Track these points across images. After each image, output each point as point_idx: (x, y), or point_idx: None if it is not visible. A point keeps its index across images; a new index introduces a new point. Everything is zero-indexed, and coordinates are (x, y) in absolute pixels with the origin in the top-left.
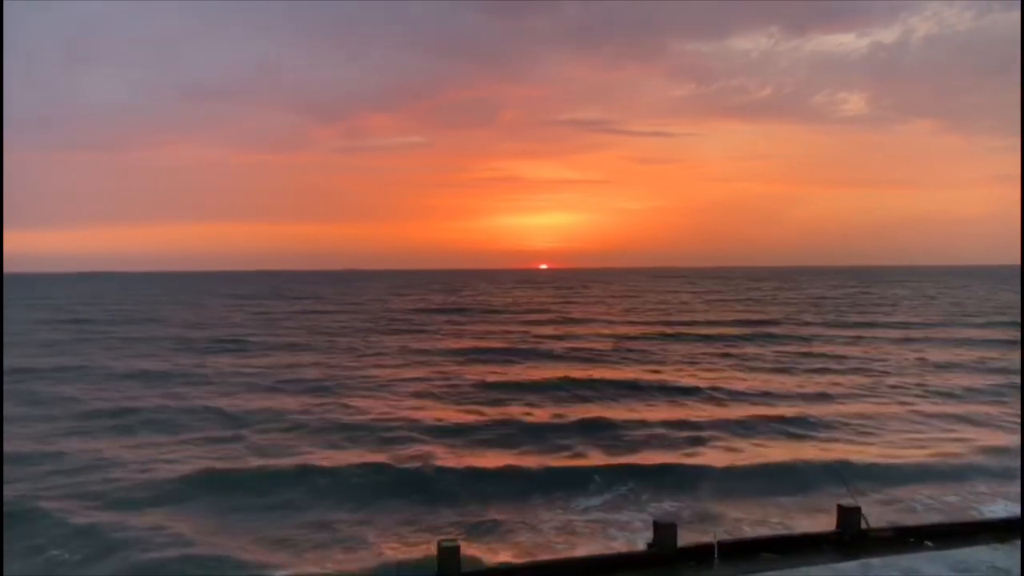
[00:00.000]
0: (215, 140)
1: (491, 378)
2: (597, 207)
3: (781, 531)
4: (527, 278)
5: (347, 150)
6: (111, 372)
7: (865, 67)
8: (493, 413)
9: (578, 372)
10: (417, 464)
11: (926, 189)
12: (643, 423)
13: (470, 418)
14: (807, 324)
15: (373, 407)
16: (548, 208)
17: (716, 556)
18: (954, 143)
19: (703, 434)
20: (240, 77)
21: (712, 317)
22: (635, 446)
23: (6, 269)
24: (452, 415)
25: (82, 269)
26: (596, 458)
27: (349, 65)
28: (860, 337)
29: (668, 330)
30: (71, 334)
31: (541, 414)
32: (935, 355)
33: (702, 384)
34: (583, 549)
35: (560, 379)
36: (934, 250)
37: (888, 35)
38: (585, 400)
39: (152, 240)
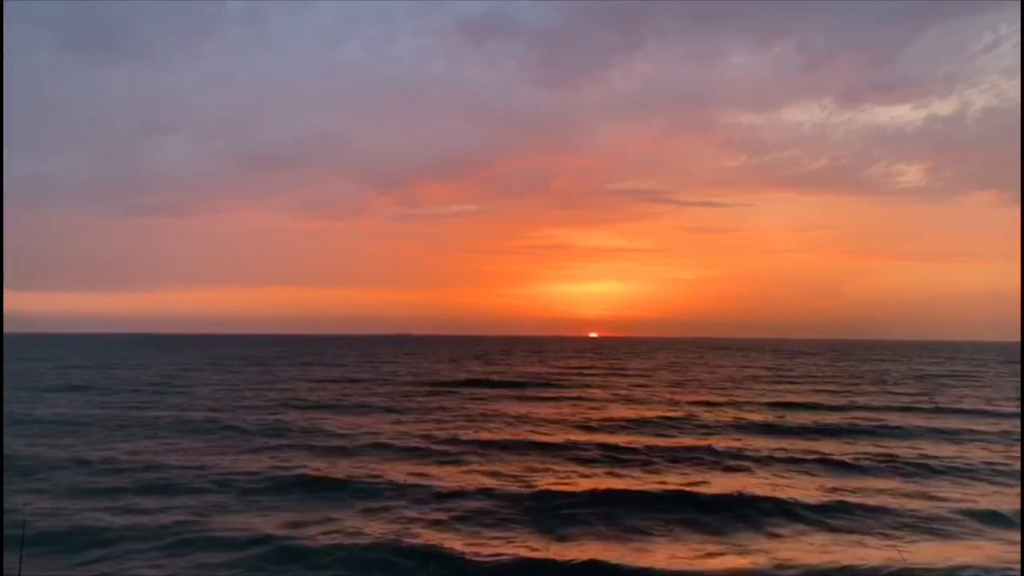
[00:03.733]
0: (277, 207)
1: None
2: (648, 276)
3: None
4: (579, 346)
5: (404, 217)
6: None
7: (922, 139)
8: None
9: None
10: None
11: (987, 262)
12: None
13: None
14: (906, 409)
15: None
16: (599, 276)
17: None
18: (1016, 215)
19: None
20: (302, 147)
21: (810, 399)
22: None
23: (75, 330)
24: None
25: (148, 330)
26: None
27: (407, 136)
28: (962, 431)
29: (753, 416)
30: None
31: None
32: None
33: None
34: None
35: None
36: (997, 324)
37: (945, 107)
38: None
39: (214, 303)
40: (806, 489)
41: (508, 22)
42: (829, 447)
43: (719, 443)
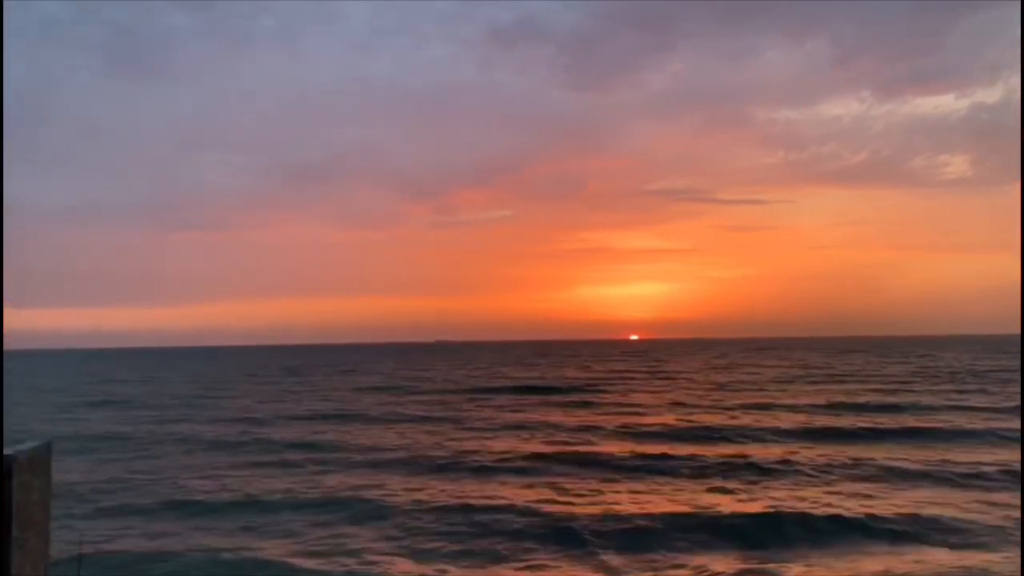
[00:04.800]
0: (315, 219)
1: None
2: (688, 276)
3: None
4: (619, 350)
5: (440, 225)
6: None
7: (966, 129)
8: None
9: None
10: None
11: None
12: None
13: None
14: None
15: None
16: (638, 278)
17: None
18: None
19: None
20: (338, 159)
21: (859, 399)
22: None
23: (122, 344)
24: None
25: (191, 344)
26: None
27: (441, 145)
28: None
29: (802, 419)
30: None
31: None
32: None
33: None
34: None
35: None
36: None
37: (990, 95)
38: None
39: (255, 315)
40: (862, 501)
41: (537, 27)
42: (882, 452)
43: (766, 451)
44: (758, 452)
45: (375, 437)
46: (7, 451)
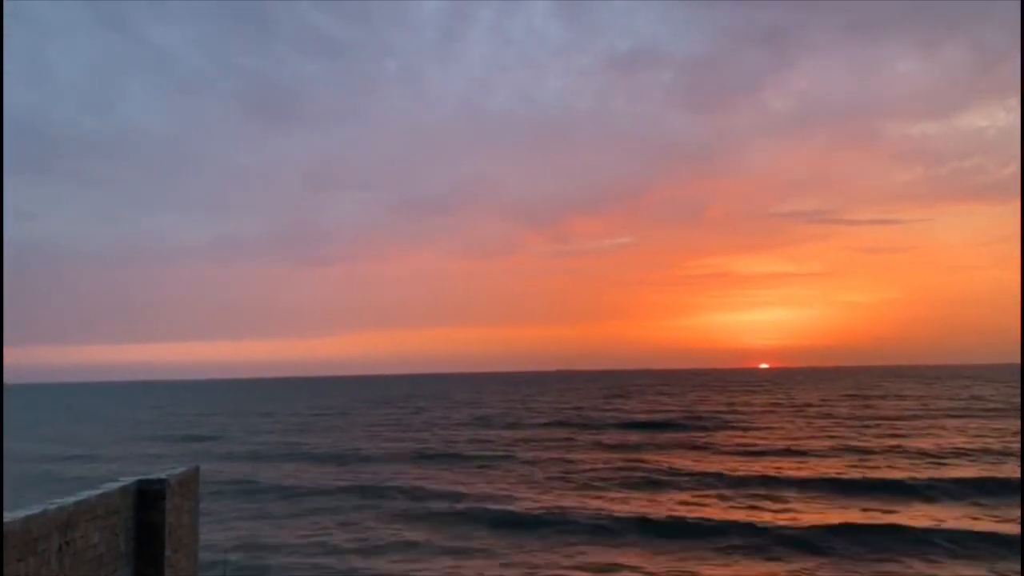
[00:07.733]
0: (436, 250)
1: None
2: (819, 301)
3: None
4: (747, 379)
5: (557, 254)
6: None
7: None
8: None
9: None
10: None
11: None
12: None
13: None
14: None
15: None
16: (765, 304)
17: None
18: None
19: None
20: (459, 192)
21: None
22: None
23: (268, 374)
24: None
25: (321, 374)
26: None
27: (557, 173)
28: None
29: (956, 465)
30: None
31: None
32: None
33: None
34: None
35: None
36: None
37: None
38: None
39: (379, 345)
40: None
41: (654, 54)
42: None
43: (921, 517)
44: (911, 518)
45: (453, 484)
46: (160, 475)
